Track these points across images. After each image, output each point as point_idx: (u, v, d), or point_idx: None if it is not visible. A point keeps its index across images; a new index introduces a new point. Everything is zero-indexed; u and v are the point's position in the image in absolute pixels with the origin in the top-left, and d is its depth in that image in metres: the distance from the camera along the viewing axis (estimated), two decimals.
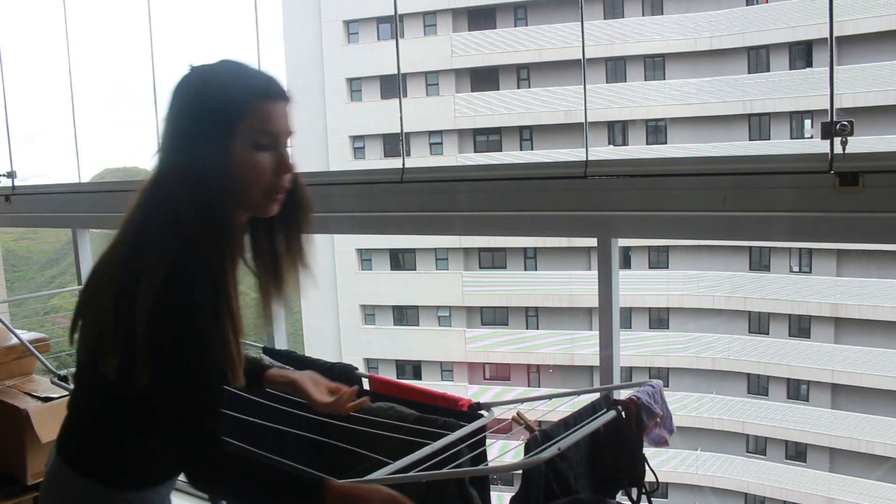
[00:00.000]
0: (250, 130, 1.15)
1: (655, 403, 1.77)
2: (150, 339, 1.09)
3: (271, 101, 1.18)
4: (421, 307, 19.67)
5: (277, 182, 1.19)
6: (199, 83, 1.18)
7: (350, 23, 19.76)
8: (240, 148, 1.15)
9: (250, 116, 1.15)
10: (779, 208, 1.77)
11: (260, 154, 1.16)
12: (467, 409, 1.86)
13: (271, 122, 1.17)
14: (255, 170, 1.16)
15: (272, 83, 1.19)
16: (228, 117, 1.14)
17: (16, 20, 13.70)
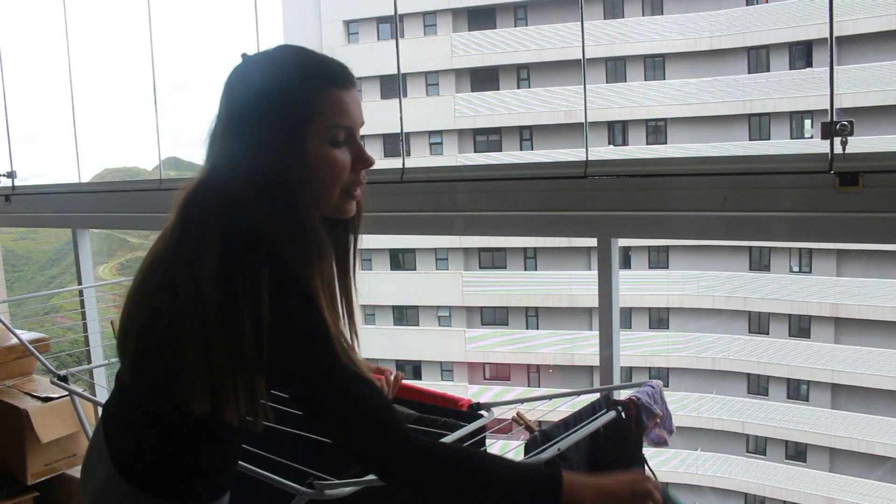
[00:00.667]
0: (323, 127, 1.03)
1: (655, 404, 1.77)
2: (289, 368, 1.00)
3: (344, 91, 1.06)
4: (421, 307, 19.66)
5: (357, 179, 1.09)
6: (260, 77, 1.04)
7: (350, 23, 19.76)
8: (315, 147, 1.02)
9: (324, 111, 1.03)
10: (779, 208, 1.77)
11: (337, 151, 1.05)
12: (467, 410, 1.86)
13: (346, 114, 1.05)
14: (334, 169, 1.05)
15: (340, 70, 1.06)
16: (300, 115, 1.01)
17: (16, 20, 13.70)
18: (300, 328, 0.99)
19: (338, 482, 1.49)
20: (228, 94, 1.06)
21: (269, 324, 0.96)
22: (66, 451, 2.58)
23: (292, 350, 0.99)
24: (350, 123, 1.06)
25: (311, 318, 1.00)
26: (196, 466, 1.15)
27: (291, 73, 1.03)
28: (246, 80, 1.05)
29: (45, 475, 2.55)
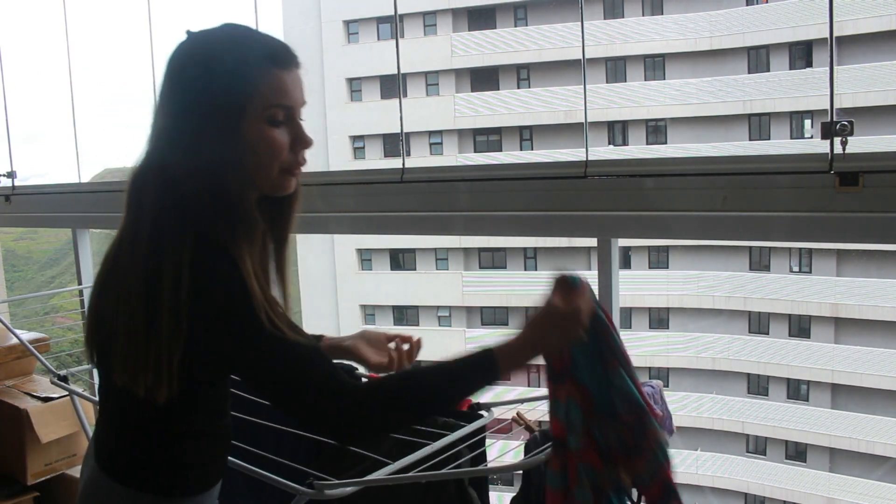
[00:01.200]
0: (263, 106, 1.02)
1: (655, 404, 1.77)
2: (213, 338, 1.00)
3: (285, 71, 1.05)
4: (421, 307, 19.67)
5: (296, 159, 1.08)
6: (200, 54, 1.04)
7: (350, 23, 19.77)
8: (253, 126, 1.03)
9: (262, 90, 1.02)
10: (779, 208, 1.77)
11: (275, 130, 1.04)
12: (467, 410, 1.86)
13: (286, 94, 1.04)
14: (272, 148, 1.04)
15: (282, 49, 1.06)
16: (238, 93, 1.01)
17: (16, 20, 13.71)
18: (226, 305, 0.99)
19: (338, 482, 1.49)
20: (170, 71, 1.06)
21: (193, 301, 0.98)
22: (66, 451, 2.58)
23: (220, 327, 1.00)
24: (289, 103, 1.05)
25: (236, 295, 0.99)
26: (176, 458, 1.15)
27: (231, 51, 1.03)
28: (187, 57, 1.05)
29: (45, 475, 2.55)
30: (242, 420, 1.87)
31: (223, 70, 1.02)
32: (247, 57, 1.03)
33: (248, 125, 1.02)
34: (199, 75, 1.03)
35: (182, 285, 0.98)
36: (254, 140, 1.03)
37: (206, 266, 1.00)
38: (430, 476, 1.48)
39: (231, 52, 1.03)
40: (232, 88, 1.01)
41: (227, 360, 1.05)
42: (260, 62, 1.03)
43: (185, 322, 0.98)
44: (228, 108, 1.01)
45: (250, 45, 1.04)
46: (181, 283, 0.98)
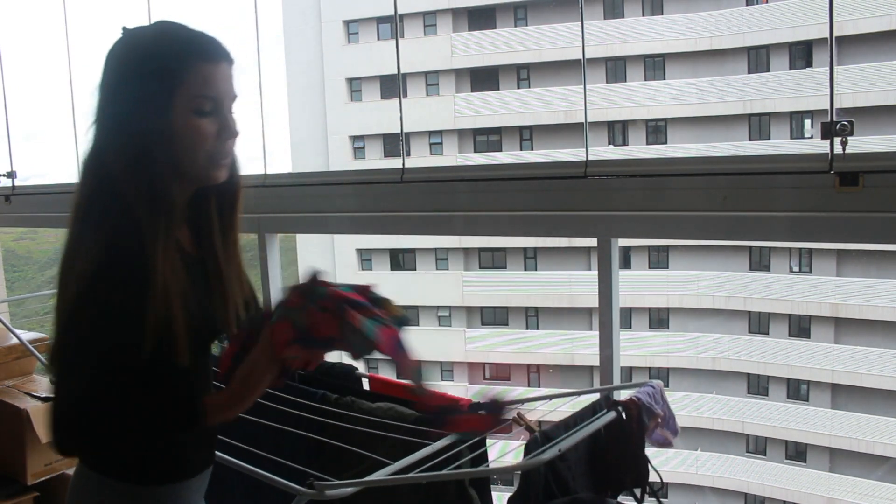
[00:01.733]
0: (190, 96, 1.08)
1: (656, 404, 1.77)
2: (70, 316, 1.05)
3: (212, 64, 1.10)
4: (421, 307, 19.65)
5: (221, 148, 1.13)
6: (133, 48, 1.11)
7: (350, 23, 19.75)
8: (180, 115, 1.08)
9: (189, 81, 1.08)
10: (779, 208, 1.77)
11: (201, 120, 1.10)
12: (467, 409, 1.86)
13: (212, 86, 1.10)
14: (197, 137, 1.10)
15: (213, 44, 1.12)
16: (166, 83, 1.07)
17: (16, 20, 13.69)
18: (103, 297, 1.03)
19: (338, 482, 1.49)
20: (105, 65, 1.11)
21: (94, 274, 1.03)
22: None
23: (81, 315, 1.04)
24: (216, 95, 1.10)
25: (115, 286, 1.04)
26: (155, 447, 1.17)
27: (160, 45, 1.10)
28: (121, 52, 1.11)
29: (45, 475, 2.56)
30: (243, 421, 1.87)
31: (153, 62, 1.08)
32: (175, 50, 1.09)
33: (176, 114, 1.08)
34: (130, 68, 1.09)
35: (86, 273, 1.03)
36: (180, 128, 1.08)
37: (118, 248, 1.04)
38: (430, 476, 1.48)
39: (161, 45, 1.09)
40: (160, 79, 1.07)
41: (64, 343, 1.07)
42: (188, 55, 1.09)
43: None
44: (157, 97, 1.07)
45: (179, 40, 1.10)
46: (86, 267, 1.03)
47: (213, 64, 1.10)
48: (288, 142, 20.18)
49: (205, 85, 1.09)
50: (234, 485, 2.10)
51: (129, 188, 1.07)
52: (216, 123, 1.11)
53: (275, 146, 20.82)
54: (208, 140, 1.11)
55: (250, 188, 1.35)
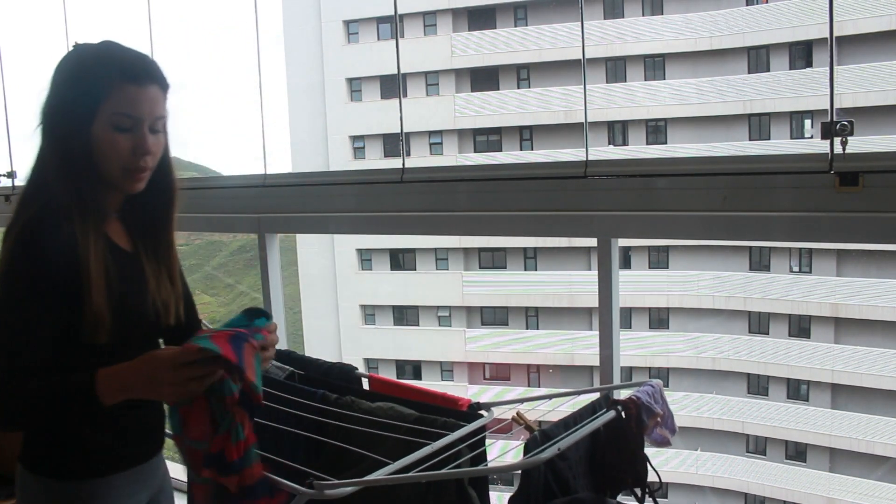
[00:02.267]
0: (110, 112, 1.19)
1: (656, 403, 1.77)
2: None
3: (134, 85, 1.20)
4: (421, 307, 19.65)
5: (136, 163, 1.23)
6: (73, 62, 1.23)
7: (350, 23, 19.75)
8: (100, 128, 1.20)
9: (111, 99, 1.19)
10: (779, 208, 1.77)
11: (119, 135, 1.20)
12: (467, 409, 1.86)
13: (132, 106, 1.20)
14: (113, 150, 1.21)
15: (138, 66, 1.22)
16: (91, 98, 1.19)
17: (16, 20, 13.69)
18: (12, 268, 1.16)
19: (338, 482, 1.49)
20: (53, 73, 1.24)
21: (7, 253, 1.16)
22: None
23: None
24: (136, 114, 1.21)
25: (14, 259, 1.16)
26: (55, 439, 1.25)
27: (96, 61, 1.21)
28: (62, 65, 1.24)
29: None
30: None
31: (85, 77, 1.20)
32: (106, 68, 1.20)
33: (97, 127, 1.20)
34: (67, 80, 1.22)
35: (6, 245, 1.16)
36: (98, 140, 1.20)
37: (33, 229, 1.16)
38: (429, 476, 1.48)
39: (95, 62, 1.21)
40: (88, 93, 1.19)
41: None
42: (116, 74, 1.20)
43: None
44: (83, 109, 1.19)
45: (113, 59, 1.22)
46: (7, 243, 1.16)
47: (138, 85, 1.21)
48: (288, 142, 20.20)
49: (126, 104, 1.20)
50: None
51: (59, 189, 1.19)
52: (132, 141, 1.21)
53: (275, 146, 20.82)
54: (123, 154, 1.21)
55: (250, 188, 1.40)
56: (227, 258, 28.14)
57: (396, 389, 2.08)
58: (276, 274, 2.71)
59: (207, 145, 41.15)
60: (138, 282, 1.30)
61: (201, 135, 37.86)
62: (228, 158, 28.54)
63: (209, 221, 2.95)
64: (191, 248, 29.00)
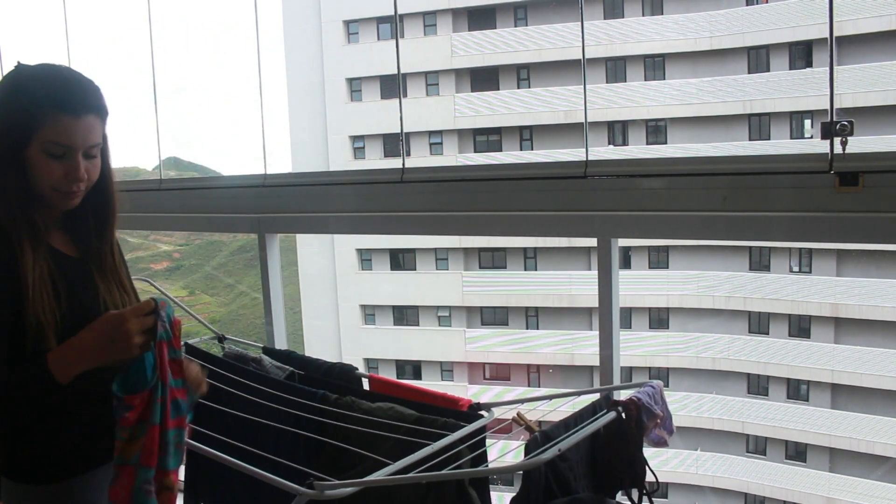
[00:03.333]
0: (43, 140, 1.23)
1: (656, 404, 1.77)
2: None
3: (71, 116, 1.24)
4: (421, 307, 19.65)
5: (68, 187, 1.27)
6: (11, 84, 1.26)
7: (350, 23, 19.75)
8: (34, 152, 1.24)
9: (44, 128, 1.23)
10: (779, 208, 1.77)
11: (52, 161, 1.25)
12: (467, 410, 1.86)
13: (64, 135, 1.24)
14: (44, 174, 1.25)
15: (76, 97, 1.25)
16: (25, 125, 1.23)
17: (16, 20, 13.71)
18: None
19: (338, 482, 1.49)
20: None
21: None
22: None
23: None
24: (69, 143, 1.25)
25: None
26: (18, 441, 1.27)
27: (30, 89, 1.25)
28: (4, 84, 1.27)
29: None
30: (243, 421, 1.87)
31: (19, 102, 1.24)
32: (40, 98, 1.24)
33: (31, 151, 1.24)
34: (8, 99, 1.25)
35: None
36: (32, 163, 1.25)
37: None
38: (430, 476, 1.48)
39: (30, 89, 1.24)
40: (21, 120, 1.23)
41: None
42: (51, 105, 1.23)
43: None
44: (16, 133, 1.23)
45: (45, 88, 1.25)
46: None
47: (72, 116, 1.24)
48: (288, 142, 20.20)
49: (59, 133, 1.24)
50: (235, 484, 2.10)
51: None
52: (64, 167, 1.26)
53: (275, 146, 20.82)
54: (54, 178, 1.26)
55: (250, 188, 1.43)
56: (227, 258, 28.14)
57: (397, 390, 2.08)
58: (276, 274, 2.71)
59: (207, 145, 41.10)
60: (87, 283, 1.34)
61: (201, 135, 37.79)
62: (228, 158, 28.54)
63: (209, 221, 2.95)
64: (191, 248, 29.00)
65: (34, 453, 1.29)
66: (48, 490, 1.29)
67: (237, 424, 1.89)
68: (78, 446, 1.31)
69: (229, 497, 2.13)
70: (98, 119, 1.28)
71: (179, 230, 1.82)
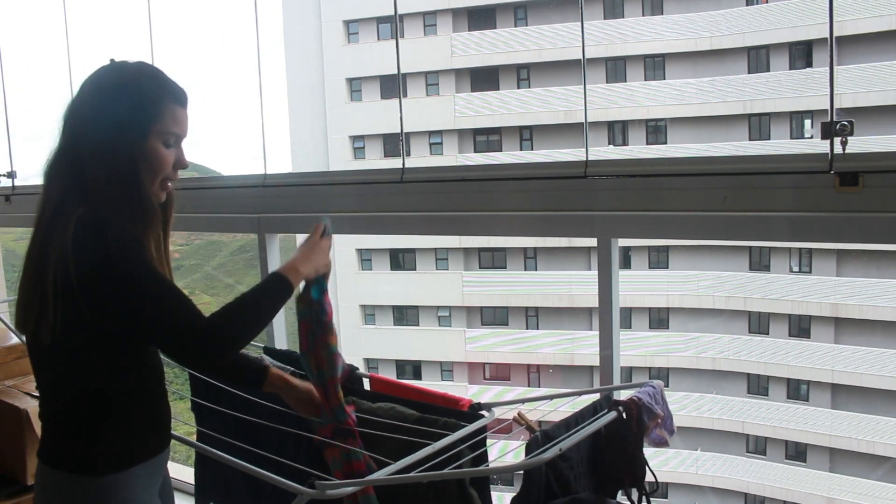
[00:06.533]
0: (163, 131, 1.33)
1: (656, 404, 1.77)
2: (88, 279, 1.22)
3: (181, 109, 1.37)
4: (421, 307, 19.65)
5: (173, 175, 1.38)
6: (125, 79, 1.34)
7: (350, 23, 19.75)
8: (153, 143, 1.33)
9: (165, 119, 1.33)
10: (779, 208, 1.77)
11: (166, 150, 1.35)
12: (468, 410, 1.86)
13: (179, 126, 1.36)
14: (161, 163, 1.34)
15: (180, 90, 1.38)
16: (149, 116, 1.32)
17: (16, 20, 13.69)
18: (135, 271, 1.25)
19: (339, 482, 1.49)
20: (90, 86, 1.34)
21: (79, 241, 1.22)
22: None
23: (108, 275, 1.24)
24: (180, 132, 1.37)
25: (125, 248, 1.25)
26: (85, 434, 1.32)
27: (150, 83, 1.35)
28: (112, 79, 1.34)
29: None
30: (244, 420, 1.87)
31: (142, 95, 1.32)
32: (162, 90, 1.35)
33: (151, 141, 1.33)
34: (121, 95, 1.32)
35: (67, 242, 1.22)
36: (151, 153, 1.33)
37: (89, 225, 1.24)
38: (431, 476, 1.48)
39: (152, 82, 1.35)
40: (148, 109, 1.32)
41: (119, 302, 1.25)
42: (169, 96, 1.35)
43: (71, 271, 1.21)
44: (141, 123, 1.32)
45: (163, 83, 1.36)
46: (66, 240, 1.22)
47: (182, 107, 1.37)
48: (288, 142, 20.20)
49: (174, 124, 1.35)
50: (238, 485, 2.10)
51: (108, 194, 1.28)
52: (174, 155, 1.37)
53: (275, 146, 20.80)
54: (168, 167, 1.36)
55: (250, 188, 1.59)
56: (227, 258, 28.13)
57: (397, 389, 2.08)
58: None
59: (207, 145, 41.08)
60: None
61: (201, 135, 37.62)
62: (228, 158, 28.50)
63: (209, 221, 2.95)
64: (191, 248, 28.98)
65: (87, 444, 1.32)
66: (91, 482, 1.31)
67: (239, 425, 1.90)
68: (131, 440, 1.36)
69: (238, 497, 2.14)
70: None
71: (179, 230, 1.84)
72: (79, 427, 1.32)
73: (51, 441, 1.35)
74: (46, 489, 1.35)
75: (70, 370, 1.31)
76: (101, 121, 1.30)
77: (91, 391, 1.32)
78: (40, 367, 1.36)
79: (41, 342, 1.28)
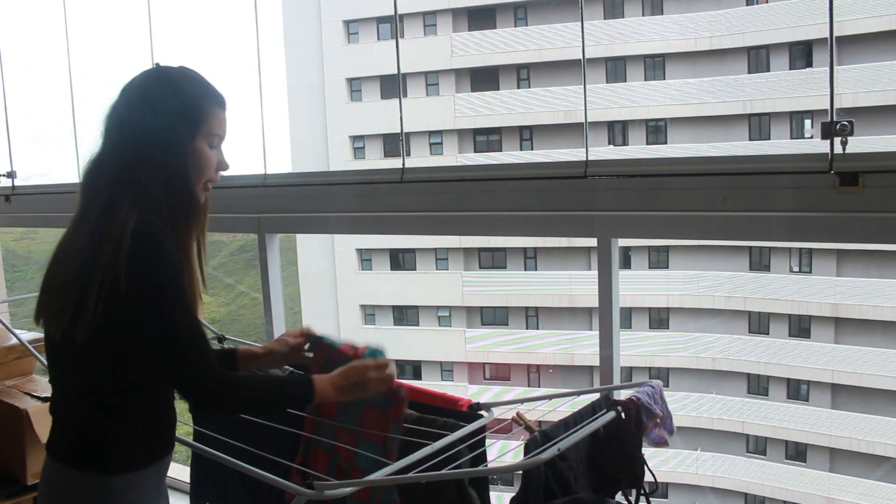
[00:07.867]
0: (208, 133, 1.39)
1: (655, 404, 1.77)
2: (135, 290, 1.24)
3: (223, 110, 1.42)
4: (421, 307, 19.65)
5: (215, 177, 1.43)
6: (171, 84, 1.37)
7: (350, 23, 19.74)
8: (199, 145, 1.37)
9: (211, 121, 1.38)
10: (779, 208, 1.77)
11: (211, 151, 1.40)
12: (467, 410, 1.86)
13: (222, 127, 1.42)
14: (207, 164, 1.39)
15: (223, 96, 1.43)
16: (197, 118, 1.36)
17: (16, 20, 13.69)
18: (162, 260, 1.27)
19: (338, 482, 1.49)
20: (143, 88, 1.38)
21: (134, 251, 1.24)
22: None
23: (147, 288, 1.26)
24: (223, 134, 1.43)
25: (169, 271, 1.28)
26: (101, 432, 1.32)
27: (196, 87, 1.39)
28: (159, 83, 1.38)
29: None
30: (243, 421, 1.87)
31: (189, 98, 1.37)
32: (206, 93, 1.40)
33: (198, 143, 1.37)
34: (169, 98, 1.35)
35: (122, 247, 1.23)
36: (198, 154, 1.38)
37: (148, 237, 1.26)
38: (430, 476, 1.48)
39: (195, 87, 1.39)
40: (195, 112, 1.37)
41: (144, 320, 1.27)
42: (213, 99, 1.40)
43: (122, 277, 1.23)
44: (189, 125, 1.36)
45: (207, 86, 1.41)
46: (122, 245, 1.24)
47: (223, 110, 1.42)
48: (288, 142, 20.19)
49: (218, 126, 1.41)
50: (236, 485, 2.10)
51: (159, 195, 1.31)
52: (217, 157, 1.42)
53: (275, 146, 20.78)
54: (212, 167, 1.41)
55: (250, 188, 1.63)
56: (227, 258, 28.12)
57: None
58: (276, 274, 2.71)
59: None
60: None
61: None
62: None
63: (209, 221, 2.95)
64: None
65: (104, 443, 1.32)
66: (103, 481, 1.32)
67: (237, 424, 1.89)
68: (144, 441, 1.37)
69: (235, 498, 2.13)
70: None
71: None
72: (96, 425, 1.33)
73: (64, 437, 1.36)
74: (55, 486, 1.35)
75: (96, 369, 1.31)
76: (151, 126, 1.33)
77: (113, 391, 1.32)
78: (64, 363, 1.36)
79: (72, 339, 1.27)
